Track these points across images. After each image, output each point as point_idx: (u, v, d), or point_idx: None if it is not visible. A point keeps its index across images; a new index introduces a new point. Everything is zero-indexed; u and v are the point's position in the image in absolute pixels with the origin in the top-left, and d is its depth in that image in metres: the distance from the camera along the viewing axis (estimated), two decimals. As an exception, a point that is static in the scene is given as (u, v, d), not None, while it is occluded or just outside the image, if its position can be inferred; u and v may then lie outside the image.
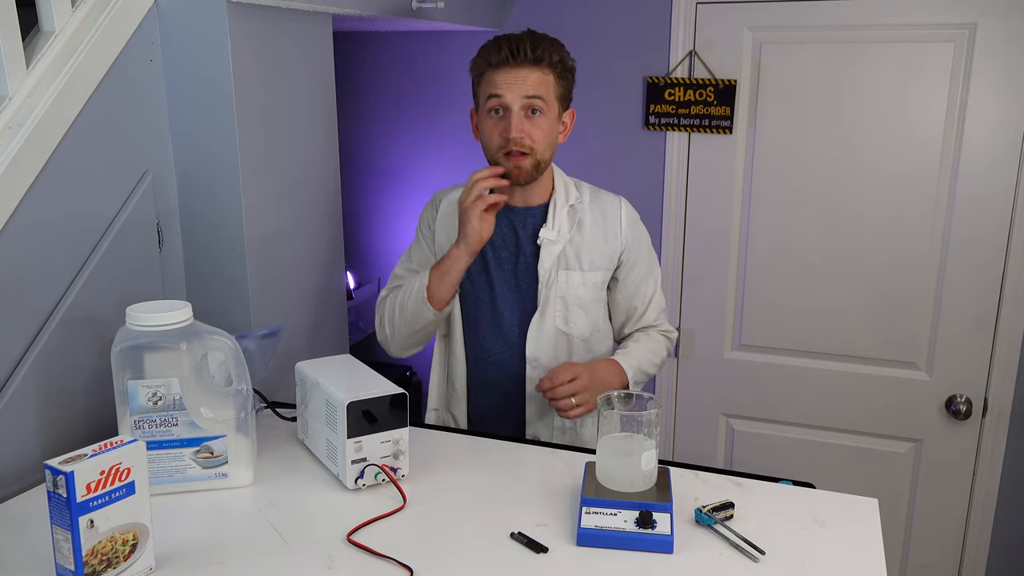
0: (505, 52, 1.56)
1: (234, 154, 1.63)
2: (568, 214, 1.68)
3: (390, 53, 2.78)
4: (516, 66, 1.55)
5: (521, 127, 1.55)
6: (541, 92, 1.56)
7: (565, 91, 1.62)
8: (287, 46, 1.74)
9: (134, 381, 1.26)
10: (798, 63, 2.32)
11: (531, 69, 1.56)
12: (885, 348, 2.39)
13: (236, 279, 1.70)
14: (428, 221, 1.77)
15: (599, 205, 1.70)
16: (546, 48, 1.57)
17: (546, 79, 1.57)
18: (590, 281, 1.68)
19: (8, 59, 1.31)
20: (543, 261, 1.65)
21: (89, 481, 1.00)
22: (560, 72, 1.59)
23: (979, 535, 2.41)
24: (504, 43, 1.57)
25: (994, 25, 2.14)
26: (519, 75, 1.55)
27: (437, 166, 2.82)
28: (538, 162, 1.59)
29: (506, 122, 1.56)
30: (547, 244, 1.65)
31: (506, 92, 1.55)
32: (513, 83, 1.55)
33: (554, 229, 1.65)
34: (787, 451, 2.54)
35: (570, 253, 1.66)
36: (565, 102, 1.63)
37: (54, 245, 1.39)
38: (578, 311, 1.68)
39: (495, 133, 1.59)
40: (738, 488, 1.34)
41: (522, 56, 1.55)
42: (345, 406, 1.27)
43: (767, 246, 2.45)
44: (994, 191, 2.21)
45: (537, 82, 1.56)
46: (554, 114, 1.60)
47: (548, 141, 1.60)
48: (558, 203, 1.67)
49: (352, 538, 1.17)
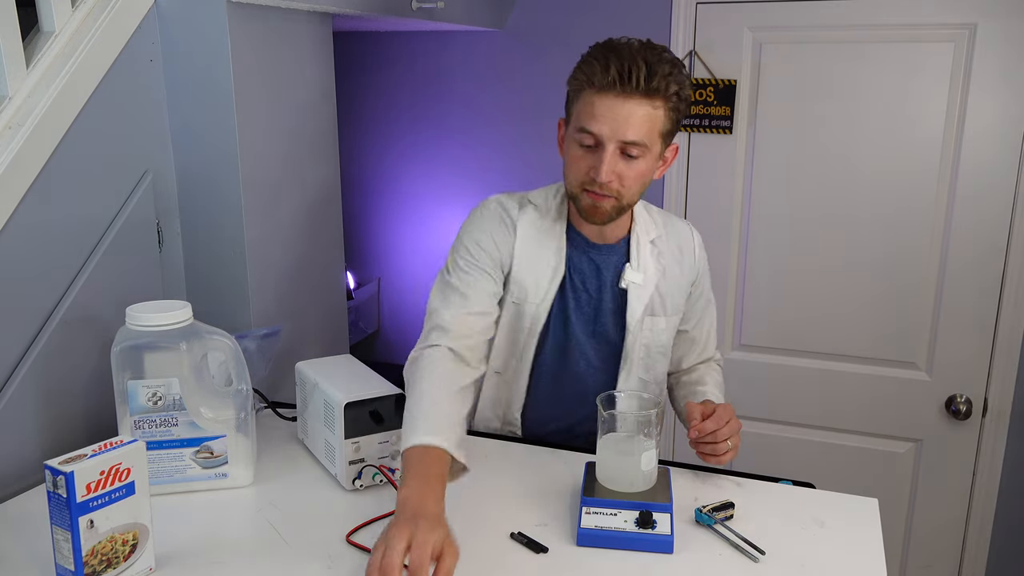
0: (614, 75, 1.28)
1: (234, 154, 1.63)
2: (652, 253, 1.49)
3: (390, 53, 2.78)
4: (623, 95, 1.29)
5: (613, 170, 1.32)
6: (644, 135, 1.31)
7: (675, 125, 1.36)
8: (287, 46, 1.74)
9: (134, 381, 1.26)
10: (798, 63, 2.31)
11: (640, 102, 1.29)
12: (885, 348, 2.39)
13: (236, 279, 1.70)
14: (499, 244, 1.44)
15: (675, 237, 1.53)
16: (664, 76, 1.29)
17: (655, 115, 1.31)
18: (672, 325, 1.52)
19: (8, 59, 1.31)
20: (632, 308, 1.46)
21: (89, 481, 1.00)
22: (674, 105, 1.33)
23: (979, 535, 2.41)
24: (614, 62, 1.29)
25: (994, 25, 2.14)
26: (623, 109, 1.29)
27: (437, 166, 2.82)
28: (623, 206, 1.38)
29: (596, 159, 1.33)
30: (634, 289, 1.46)
31: (603, 127, 1.30)
32: (614, 118, 1.30)
33: (639, 271, 1.46)
34: (787, 451, 2.54)
35: (656, 297, 1.48)
36: (671, 136, 1.38)
37: (54, 245, 1.39)
38: (660, 358, 1.53)
39: (581, 166, 1.35)
40: (738, 488, 1.34)
41: (633, 85, 1.28)
42: (343, 406, 1.27)
43: (767, 246, 2.45)
44: (994, 191, 2.21)
45: (642, 121, 1.30)
46: (655, 154, 1.36)
47: (640, 184, 1.37)
48: (641, 240, 1.48)
49: (351, 539, 1.17)
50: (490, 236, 1.44)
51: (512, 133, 2.66)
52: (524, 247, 1.44)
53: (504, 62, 2.62)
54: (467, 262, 1.42)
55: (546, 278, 1.45)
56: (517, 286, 1.45)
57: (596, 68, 1.30)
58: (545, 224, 1.46)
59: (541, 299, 1.45)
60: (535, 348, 1.48)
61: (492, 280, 1.42)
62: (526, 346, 1.48)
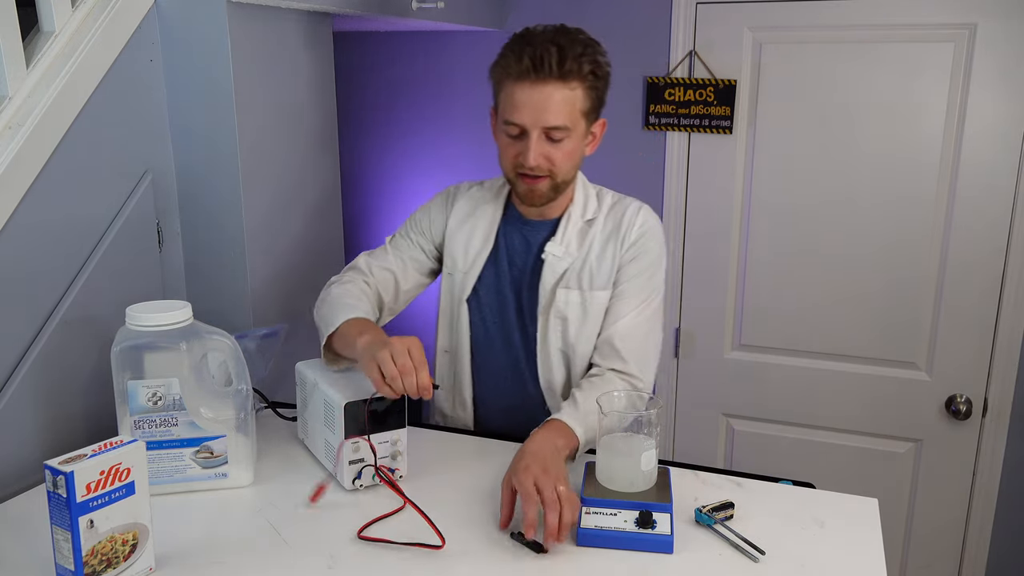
0: (527, 63, 1.34)
1: (234, 154, 1.63)
2: (581, 230, 1.51)
3: (390, 53, 2.78)
4: (539, 81, 1.34)
5: (540, 153, 1.38)
6: (564, 118, 1.36)
7: (596, 102, 1.42)
8: (287, 46, 1.74)
9: (134, 381, 1.26)
10: (798, 63, 2.31)
11: (556, 86, 1.35)
12: (885, 348, 2.39)
13: (236, 279, 1.70)
14: (435, 219, 1.59)
15: (614, 216, 1.51)
16: (576, 57, 1.35)
17: (573, 96, 1.37)
18: (593, 301, 1.49)
19: (8, 59, 1.31)
20: (544, 279, 1.50)
21: (89, 481, 1.00)
22: (591, 84, 1.38)
23: (979, 535, 2.41)
24: (527, 51, 1.34)
25: (994, 25, 2.14)
26: (541, 94, 1.35)
27: (437, 166, 2.82)
28: (557, 184, 1.43)
29: (523, 146, 1.39)
30: (551, 260, 1.50)
31: (524, 117, 1.36)
32: (534, 105, 1.35)
33: (561, 244, 1.50)
34: (787, 451, 2.54)
35: (573, 271, 1.49)
36: (595, 113, 1.44)
37: (54, 245, 1.39)
38: (578, 332, 1.50)
39: (511, 153, 1.42)
40: (738, 488, 1.34)
41: (547, 70, 1.34)
42: (343, 407, 1.27)
43: (767, 246, 2.45)
44: (994, 191, 2.21)
45: (561, 104, 1.36)
46: (580, 132, 1.41)
47: (571, 162, 1.43)
48: (572, 217, 1.51)
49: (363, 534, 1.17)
50: (429, 212, 1.60)
51: (512, 133, 2.66)
52: (456, 220, 1.57)
53: (504, 62, 2.61)
54: (403, 231, 1.61)
55: (474, 249, 1.55)
56: (449, 257, 1.57)
57: (511, 59, 1.37)
58: (483, 201, 1.58)
59: (468, 268, 1.55)
60: (468, 320, 1.57)
61: (419, 250, 1.59)
62: (459, 316, 1.57)
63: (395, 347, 1.23)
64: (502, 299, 1.55)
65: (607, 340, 1.49)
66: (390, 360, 1.22)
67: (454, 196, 1.60)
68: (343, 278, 1.53)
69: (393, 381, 1.22)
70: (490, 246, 1.54)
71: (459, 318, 1.57)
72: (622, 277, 1.50)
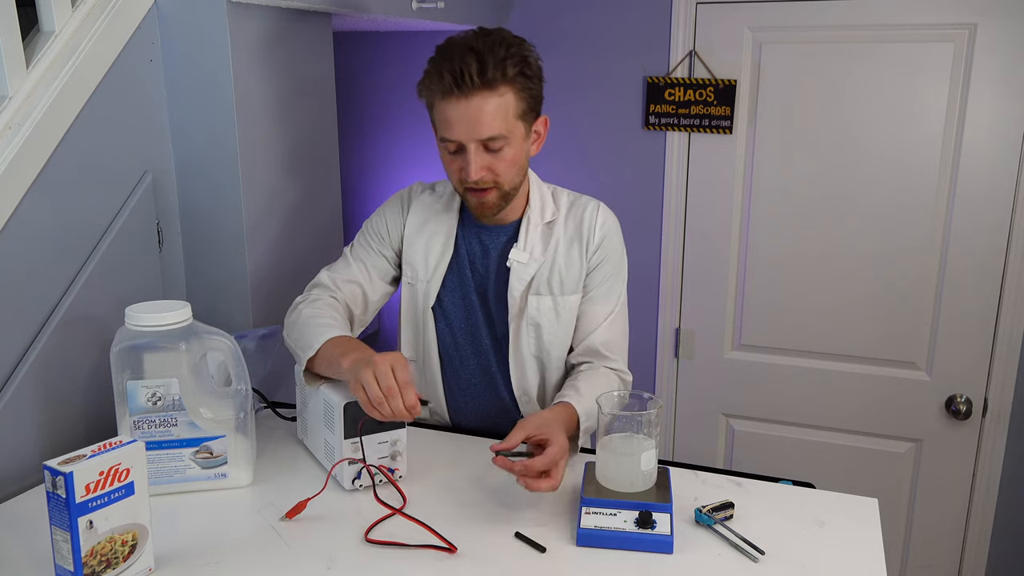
0: (448, 80, 1.31)
1: (234, 154, 1.63)
2: (542, 234, 1.49)
3: (390, 53, 2.78)
4: (464, 95, 1.31)
5: (480, 166, 1.35)
6: (499, 127, 1.33)
7: (532, 102, 1.38)
8: (287, 46, 1.74)
9: (133, 381, 1.26)
10: (798, 63, 2.31)
11: (484, 96, 1.31)
12: (885, 348, 2.39)
13: (236, 279, 1.70)
14: (391, 226, 1.55)
15: (574, 217, 1.49)
16: (499, 63, 1.31)
17: (504, 102, 1.33)
18: (564, 306, 1.49)
19: (8, 59, 1.31)
20: (512, 287, 1.47)
21: (88, 482, 1.00)
22: (522, 85, 1.35)
23: (979, 535, 2.41)
24: (446, 66, 1.31)
25: (994, 25, 2.14)
26: (470, 108, 1.31)
27: (437, 166, 2.81)
28: (506, 192, 1.41)
29: (463, 159, 1.36)
30: (517, 267, 1.47)
31: (458, 132, 1.33)
32: (465, 120, 1.32)
33: (525, 251, 1.47)
34: (787, 451, 2.54)
35: (541, 277, 1.47)
36: (534, 113, 1.40)
37: (54, 245, 1.39)
38: (552, 337, 1.50)
39: (453, 168, 1.40)
40: (738, 488, 1.34)
41: (469, 82, 1.30)
42: (342, 407, 1.27)
43: (767, 246, 2.45)
44: (994, 191, 2.21)
45: (493, 115, 1.32)
46: (520, 136, 1.38)
47: (516, 168, 1.40)
48: (531, 221, 1.48)
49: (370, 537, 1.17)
50: (384, 219, 1.56)
51: (512, 133, 2.65)
52: (413, 229, 1.53)
53: (504, 62, 2.61)
54: (362, 240, 1.57)
55: (434, 257, 1.52)
56: (409, 266, 1.54)
57: (434, 76, 1.34)
58: (438, 207, 1.54)
59: (429, 277, 1.52)
60: (435, 329, 1.54)
61: (381, 257, 1.55)
62: (425, 326, 1.54)
63: (378, 367, 1.19)
64: (468, 305, 1.52)
65: (590, 346, 1.50)
66: (374, 382, 1.19)
67: (408, 202, 1.56)
68: (310, 296, 1.49)
69: (380, 405, 1.19)
70: (450, 253, 1.51)
71: (425, 327, 1.54)
72: (591, 282, 1.50)
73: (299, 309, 1.45)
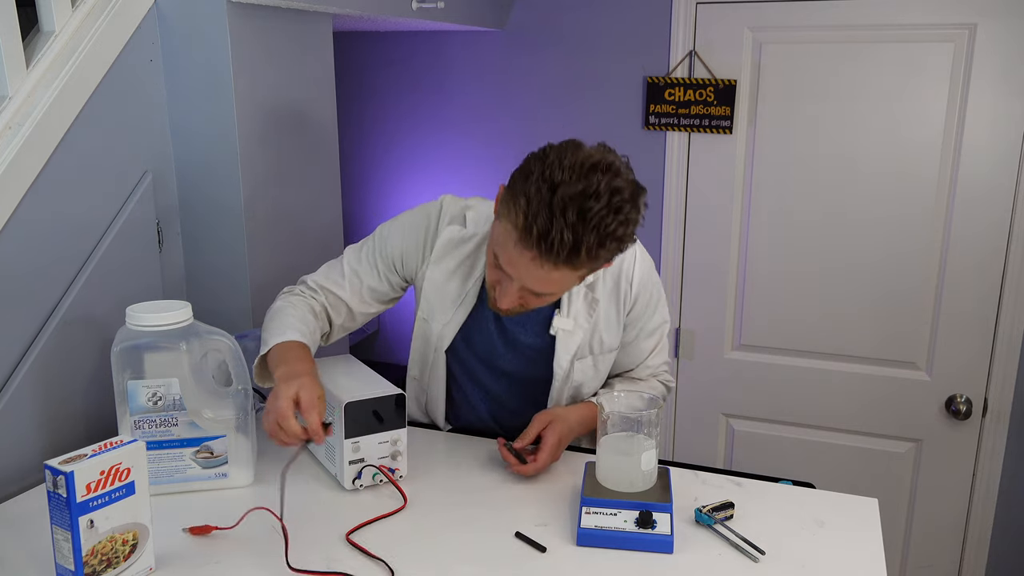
0: (534, 236, 1.14)
1: (234, 154, 1.63)
2: (585, 296, 1.40)
3: (390, 53, 2.78)
4: (538, 259, 1.16)
5: (516, 299, 1.26)
6: (555, 290, 1.26)
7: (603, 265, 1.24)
8: (287, 46, 1.74)
9: (134, 381, 1.26)
10: (798, 63, 2.31)
11: (561, 270, 1.18)
12: (885, 348, 2.39)
13: (236, 279, 1.70)
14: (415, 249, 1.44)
15: (612, 270, 1.40)
16: (590, 250, 1.15)
17: (577, 275, 1.22)
18: (603, 362, 1.46)
19: (8, 59, 1.31)
20: (560, 359, 1.41)
21: (89, 481, 1.00)
22: (609, 258, 1.21)
23: (979, 535, 2.41)
24: (538, 223, 1.13)
25: (994, 25, 2.14)
26: (540, 271, 1.18)
27: (437, 166, 2.82)
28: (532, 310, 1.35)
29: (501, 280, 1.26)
30: (563, 336, 1.40)
31: (512, 271, 1.22)
32: (526, 272, 1.20)
33: (569, 317, 1.40)
34: (787, 451, 2.54)
35: (584, 342, 1.42)
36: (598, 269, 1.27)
37: (54, 245, 1.39)
38: (588, 390, 1.48)
39: (491, 275, 1.29)
40: (738, 488, 1.34)
41: (553, 257, 1.15)
42: (343, 406, 1.27)
43: (767, 246, 2.45)
44: (994, 191, 2.21)
45: (556, 283, 1.22)
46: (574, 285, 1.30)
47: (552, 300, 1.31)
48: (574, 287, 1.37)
49: (351, 538, 1.17)
50: (402, 246, 1.44)
51: (512, 133, 2.66)
52: (435, 268, 1.43)
53: (504, 62, 2.62)
54: (368, 255, 1.47)
55: (454, 301, 1.44)
56: (425, 301, 1.46)
57: (520, 217, 1.15)
58: (466, 248, 1.42)
59: (446, 321, 1.45)
60: (446, 366, 1.50)
61: (384, 282, 1.46)
62: (435, 362, 1.50)
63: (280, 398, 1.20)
64: (492, 351, 1.46)
65: (636, 374, 1.52)
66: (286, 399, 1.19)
67: (432, 235, 1.44)
68: (294, 291, 1.47)
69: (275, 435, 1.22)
70: (472, 302, 1.44)
71: (435, 364, 1.49)
72: (632, 330, 1.46)
73: (276, 302, 1.44)
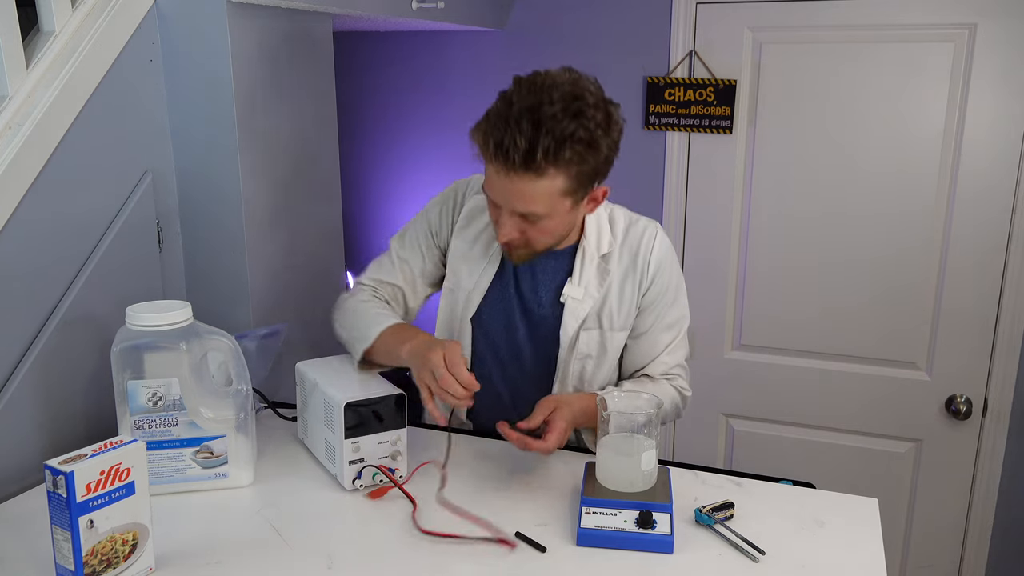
0: (492, 150, 1.20)
1: (234, 154, 1.63)
2: (598, 267, 1.42)
3: (390, 53, 2.78)
4: (504, 171, 1.20)
5: (513, 230, 1.29)
6: (539, 207, 1.24)
7: (588, 179, 1.25)
8: (287, 46, 1.74)
9: (134, 381, 1.26)
10: (798, 63, 2.31)
11: (528, 179, 1.20)
12: (885, 348, 2.39)
13: (236, 279, 1.70)
14: (441, 222, 1.51)
15: (629, 247, 1.42)
16: (551, 146, 1.17)
17: (551, 185, 1.21)
18: (611, 341, 1.45)
19: (8, 59, 1.31)
20: (566, 325, 1.42)
21: (89, 481, 1.00)
22: (578, 168, 1.21)
23: (979, 535, 2.41)
24: (493, 133, 1.19)
25: (994, 25, 2.14)
26: (510, 184, 1.21)
27: (437, 165, 2.82)
28: (538, 251, 1.36)
29: (498, 214, 1.29)
30: (572, 304, 1.42)
31: (495, 196, 1.27)
32: (503, 191, 1.24)
33: (580, 286, 1.41)
34: (787, 451, 2.54)
35: (593, 312, 1.43)
36: (584, 189, 1.27)
37: (54, 245, 1.39)
38: (597, 369, 1.47)
39: (490, 215, 1.35)
40: (738, 488, 1.34)
41: (512, 163, 1.18)
42: (343, 406, 1.27)
43: (767, 246, 2.45)
44: (994, 191, 2.21)
45: (533, 196, 1.22)
46: (564, 210, 1.27)
47: (554, 236, 1.33)
48: (587, 253, 1.41)
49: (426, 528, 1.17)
50: (436, 214, 1.52)
51: (512, 133, 2.65)
52: (461, 231, 1.49)
53: (504, 62, 2.62)
54: (411, 235, 1.54)
55: (479, 267, 1.47)
56: (452, 272, 1.50)
57: (479, 135, 1.23)
58: (488, 216, 1.44)
59: (472, 287, 1.48)
60: (472, 338, 1.50)
61: (427, 260, 1.53)
62: (462, 333, 1.50)
63: (432, 361, 1.23)
64: (510, 324, 1.47)
65: (650, 371, 1.49)
66: (433, 380, 1.23)
67: (460, 200, 1.50)
68: (354, 294, 1.52)
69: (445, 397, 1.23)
70: (496, 266, 1.47)
71: (461, 335, 1.50)
72: (647, 317, 1.46)
73: (347, 304, 1.49)
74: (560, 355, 1.45)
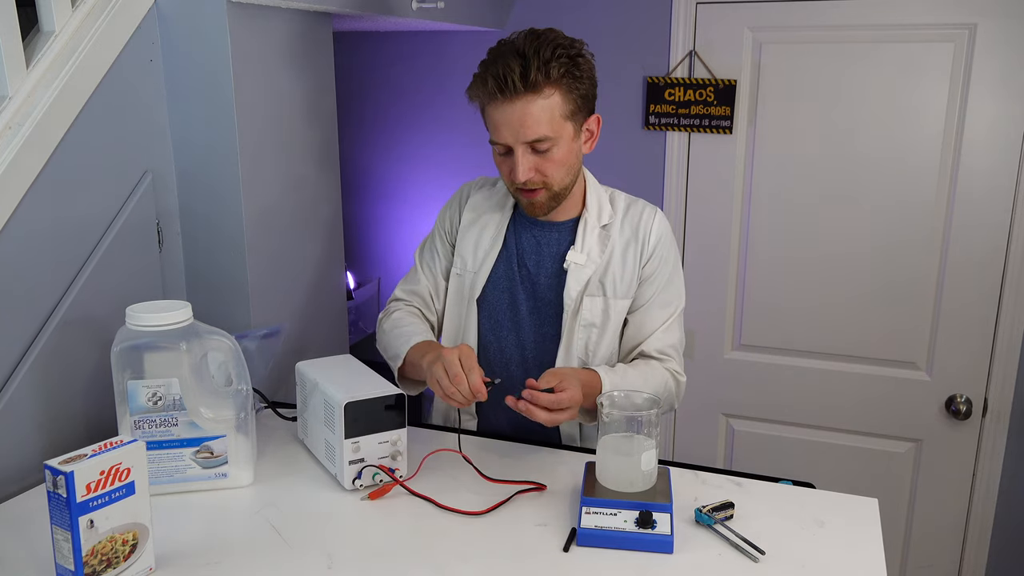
0: (492, 85, 1.34)
1: (234, 154, 1.63)
2: (599, 236, 1.50)
3: (390, 53, 2.78)
4: (507, 100, 1.34)
5: (528, 167, 1.38)
6: (545, 129, 1.35)
7: (581, 102, 1.39)
8: (287, 46, 1.74)
9: (134, 381, 1.26)
10: (798, 63, 2.31)
11: (528, 99, 1.33)
12: (885, 348, 2.39)
13: (236, 279, 1.70)
14: (451, 220, 1.60)
15: (631, 221, 1.51)
16: (544, 65, 1.32)
17: (550, 104, 1.35)
18: (614, 309, 1.49)
19: (8, 59, 1.31)
20: (569, 288, 1.47)
21: (89, 481, 1.00)
22: (569, 86, 1.36)
23: (979, 535, 2.41)
24: (491, 71, 1.34)
25: (994, 25, 2.14)
26: (514, 111, 1.34)
27: (438, 166, 2.82)
28: (556, 192, 1.43)
29: (512, 161, 1.39)
30: (575, 269, 1.48)
31: (504, 135, 1.37)
32: (510, 123, 1.35)
33: (583, 252, 1.48)
34: (787, 451, 2.54)
35: (595, 278, 1.49)
36: (584, 112, 1.41)
37: (54, 245, 1.39)
38: (600, 339, 1.50)
39: (504, 170, 1.43)
40: (738, 488, 1.34)
41: (512, 87, 1.32)
42: (343, 406, 1.27)
43: (767, 246, 2.45)
44: (994, 191, 2.21)
45: (537, 118, 1.34)
46: (569, 136, 1.39)
47: (566, 168, 1.41)
48: (588, 223, 1.50)
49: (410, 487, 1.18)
50: (446, 215, 1.62)
51: (512, 133, 2.66)
52: (467, 220, 1.57)
53: (504, 62, 2.61)
54: (431, 242, 1.63)
55: (483, 249, 1.54)
56: (459, 257, 1.57)
57: (478, 82, 1.37)
58: (493, 201, 1.57)
59: (477, 268, 1.54)
60: (477, 320, 1.55)
61: (442, 260, 1.61)
62: (468, 316, 1.56)
63: (446, 358, 1.29)
64: (514, 301, 1.53)
65: (644, 352, 1.50)
66: (444, 375, 1.29)
67: (467, 195, 1.60)
68: (389, 310, 1.62)
69: (453, 395, 1.29)
70: (499, 246, 1.53)
71: (467, 318, 1.56)
72: (646, 290, 1.51)
73: (383, 325, 1.58)
74: (564, 320, 1.49)
